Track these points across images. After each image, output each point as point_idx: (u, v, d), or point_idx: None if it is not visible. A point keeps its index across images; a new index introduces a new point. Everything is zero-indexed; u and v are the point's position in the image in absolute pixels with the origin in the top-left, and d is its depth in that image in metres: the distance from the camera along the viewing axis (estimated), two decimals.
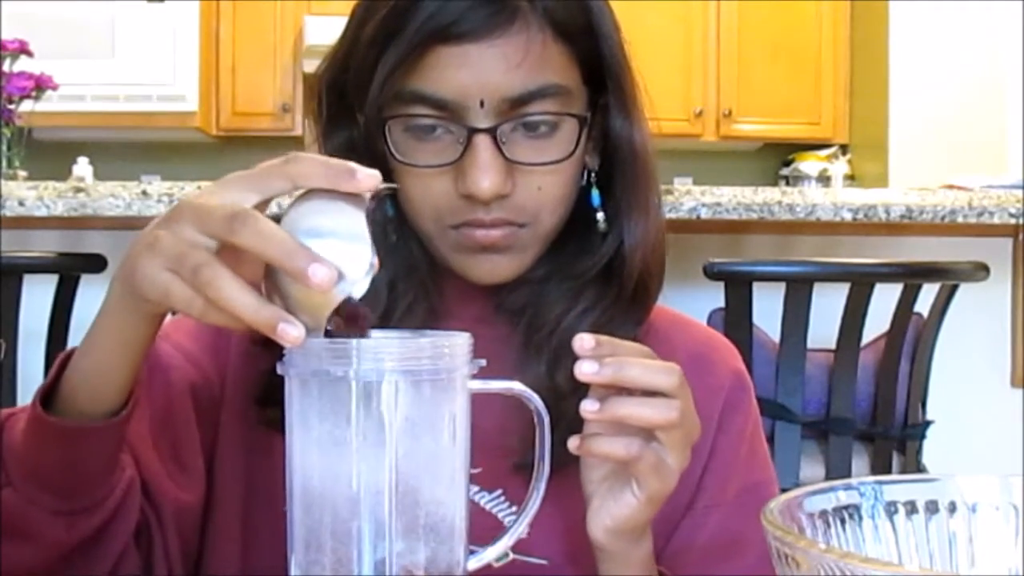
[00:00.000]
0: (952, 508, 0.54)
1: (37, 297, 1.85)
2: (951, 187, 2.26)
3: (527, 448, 0.69)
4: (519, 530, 0.66)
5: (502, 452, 0.78)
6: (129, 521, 0.71)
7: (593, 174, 0.84)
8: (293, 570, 0.59)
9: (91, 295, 1.95)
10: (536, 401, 0.63)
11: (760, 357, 1.75)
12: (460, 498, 0.59)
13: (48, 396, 0.67)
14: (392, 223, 0.82)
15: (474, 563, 0.63)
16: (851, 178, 4.40)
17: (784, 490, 0.53)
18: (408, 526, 0.57)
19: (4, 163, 2.49)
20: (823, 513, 0.51)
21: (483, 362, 0.60)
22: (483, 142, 0.75)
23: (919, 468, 1.85)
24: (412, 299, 0.82)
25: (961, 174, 2.57)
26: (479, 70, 0.74)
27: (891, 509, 0.53)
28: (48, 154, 3.55)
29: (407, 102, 0.75)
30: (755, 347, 1.74)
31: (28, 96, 2.55)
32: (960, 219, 2.00)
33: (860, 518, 0.53)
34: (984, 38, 4.06)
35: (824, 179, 4.39)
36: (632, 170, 0.83)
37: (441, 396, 0.58)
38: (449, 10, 0.73)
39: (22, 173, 2.51)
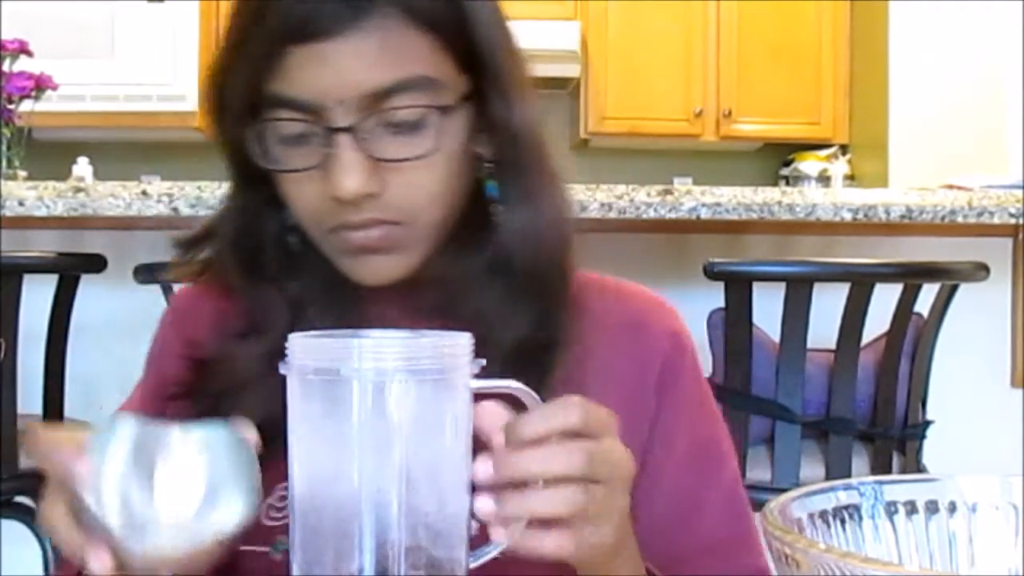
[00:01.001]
0: (952, 508, 0.54)
1: (37, 297, 1.85)
2: (951, 187, 2.26)
3: None
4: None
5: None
6: None
7: (489, 165, 0.80)
8: (295, 570, 0.58)
9: (91, 295, 1.95)
10: (536, 400, 0.63)
11: (760, 357, 1.75)
12: (463, 497, 0.59)
13: None
14: (296, 230, 0.80)
15: (475, 563, 0.63)
16: (851, 178, 4.40)
17: (784, 490, 0.53)
18: (413, 526, 0.57)
19: (4, 163, 2.49)
20: (823, 513, 0.51)
21: (483, 361, 0.60)
22: (344, 141, 0.73)
23: (919, 468, 1.85)
24: (325, 305, 0.81)
25: (961, 174, 2.57)
26: (334, 68, 0.72)
27: (891, 509, 0.53)
28: (48, 154, 3.55)
29: (270, 106, 0.74)
30: (755, 347, 1.74)
31: (28, 96, 2.55)
32: (960, 219, 2.00)
33: (860, 518, 0.53)
34: (984, 38, 4.06)
35: (824, 179, 4.39)
36: (513, 156, 0.79)
37: (444, 395, 0.58)
38: (300, 10, 0.72)
39: (22, 173, 2.50)
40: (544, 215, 0.80)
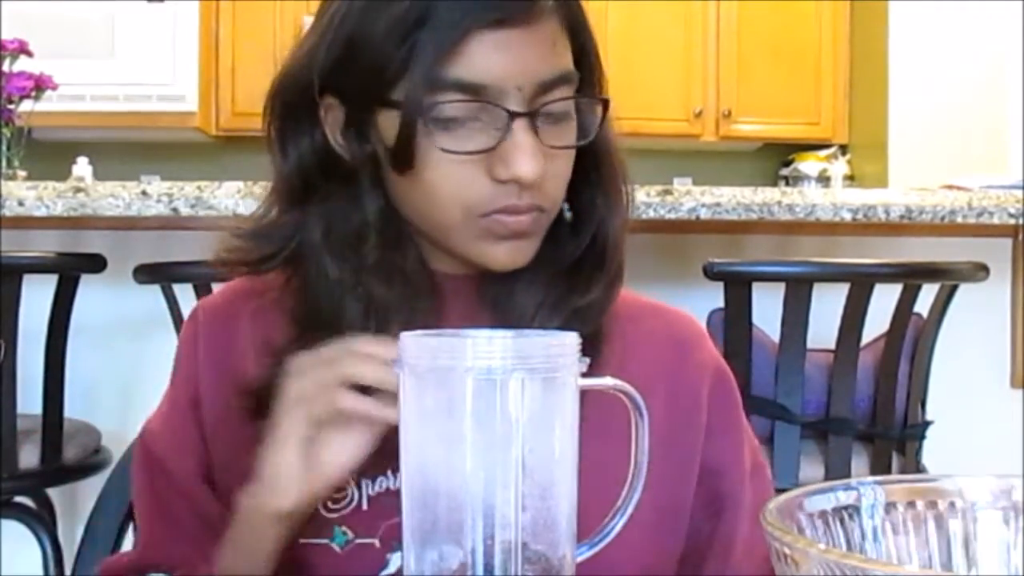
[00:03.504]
0: (952, 508, 0.54)
1: (37, 297, 1.85)
2: (951, 187, 2.26)
3: None
4: (619, 524, 0.66)
5: None
6: None
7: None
8: (409, 562, 0.59)
9: (90, 295, 1.95)
10: (636, 397, 0.63)
11: (760, 357, 1.75)
12: (572, 494, 0.60)
13: None
14: (377, 224, 0.81)
15: (580, 558, 0.63)
16: (851, 178, 4.40)
17: (784, 490, 0.53)
18: (526, 521, 0.58)
19: (4, 163, 2.49)
20: (823, 513, 0.51)
21: (588, 360, 0.61)
22: (523, 126, 0.75)
23: (919, 468, 1.85)
24: (411, 302, 0.80)
25: (961, 174, 2.57)
26: (517, 55, 0.75)
27: (891, 509, 0.53)
28: (48, 154, 3.55)
29: (442, 90, 0.74)
30: (755, 347, 1.74)
31: (28, 96, 2.55)
32: (960, 219, 2.00)
33: (860, 518, 0.53)
34: (984, 38, 4.06)
35: (824, 179, 4.39)
36: (607, 161, 0.84)
37: (555, 393, 0.59)
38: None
39: (22, 173, 2.50)
40: (624, 219, 0.85)
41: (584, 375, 0.61)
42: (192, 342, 0.87)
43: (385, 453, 0.76)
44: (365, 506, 0.79)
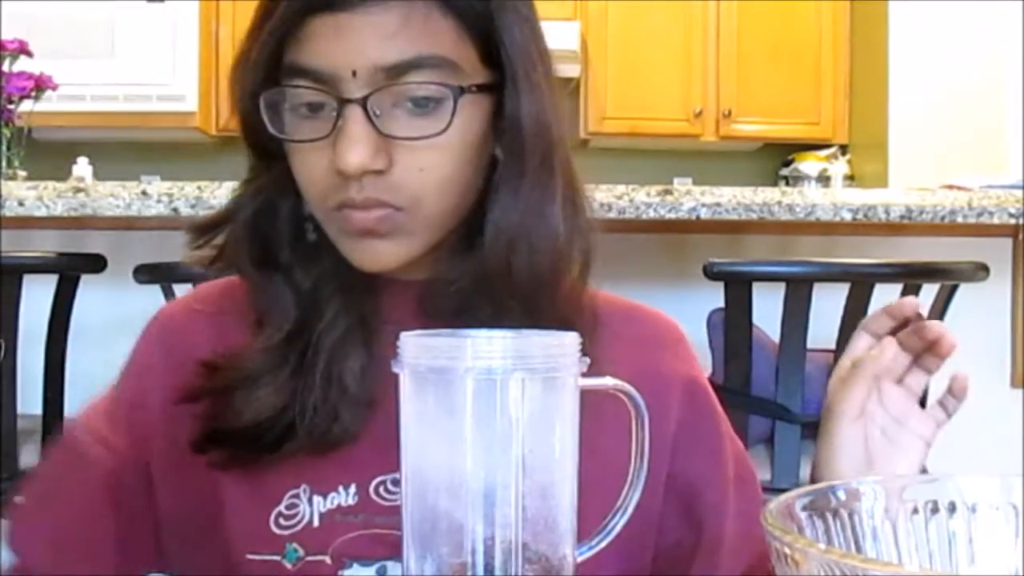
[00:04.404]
0: (952, 508, 0.54)
1: (37, 297, 1.85)
2: (951, 187, 2.26)
3: None
4: (619, 524, 0.65)
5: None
6: None
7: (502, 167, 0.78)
8: (409, 564, 0.59)
9: (91, 295, 1.95)
10: (636, 397, 0.63)
11: (760, 357, 1.75)
12: (573, 494, 0.60)
13: None
14: (309, 220, 0.79)
15: (581, 557, 0.63)
16: (851, 178, 4.40)
17: (784, 490, 0.53)
18: (527, 521, 0.58)
19: (4, 163, 2.49)
20: (823, 513, 0.51)
21: (588, 360, 0.60)
22: (353, 114, 0.72)
23: (919, 468, 1.85)
24: (338, 300, 0.79)
25: (961, 174, 2.57)
26: (351, 39, 0.72)
27: (891, 509, 0.53)
28: (48, 154, 3.55)
29: (288, 75, 0.74)
30: (755, 347, 1.74)
31: (28, 96, 2.55)
32: (960, 219, 2.00)
33: (860, 518, 0.53)
34: (984, 38, 4.06)
35: (824, 179, 4.39)
36: (518, 157, 0.77)
37: (556, 393, 0.59)
38: None
39: (22, 173, 2.50)
40: (539, 223, 0.77)
41: (584, 374, 0.61)
42: (147, 346, 0.86)
43: (337, 469, 0.77)
44: (316, 523, 0.77)
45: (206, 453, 0.78)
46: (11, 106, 2.53)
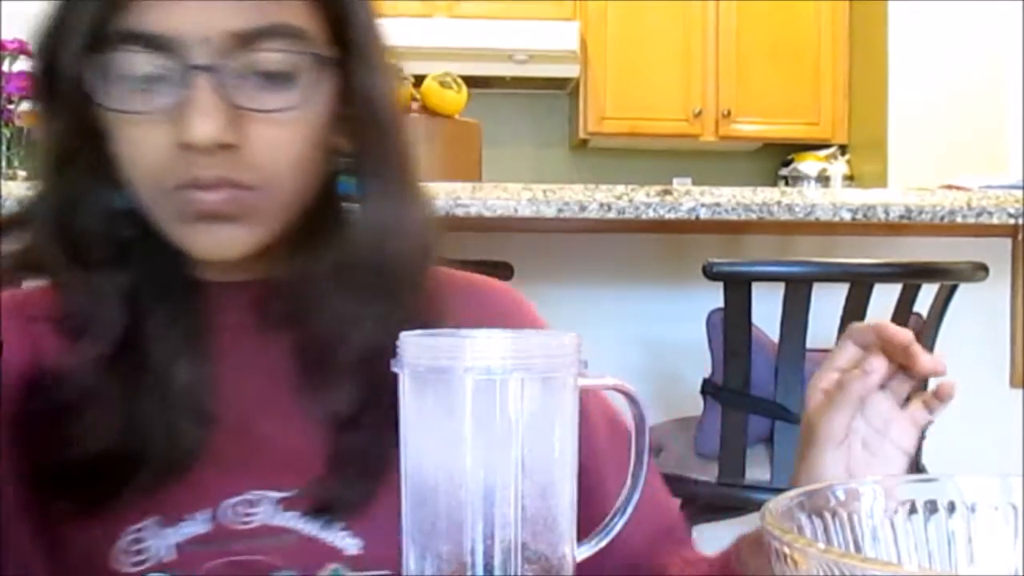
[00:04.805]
0: (951, 508, 0.54)
1: None
2: (950, 187, 2.26)
3: (332, 469, 0.71)
4: (619, 523, 0.65)
5: (311, 473, 0.72)
6: None
7: (347, 160, 0.75)
8: (412, 568, 0.59)
9: None
10: (636, 396, 0.63)
11: (759, 357, 1.75)
12: (572, 494, 0.60)
13: None
14: (128, 215, 0.71)
15: (580, 557, 0.63)
16: (850, 178, 4.40)
17: (783, 490, 0.53)
18: (526, 521, 0.58)
19: (4, 163, 2.48)
20: (823, 513, 0.51)
21: (587, 360, 0.60)
22: (203, 83, 0.65)
23: (919, 468, 1.85)
24: (170, 308, 0.72)
25: (960, 174, 2.57)
26: (199, 3, 0.66)
27: (891, 509, 0.53)
28: None
29: (115, 42, 0.66)
30: (754, 347, 1.74)
31: (28, 96, 2.55)
32: (959, 219, 2.00)
33: (859, 518, 0.53)
34: (983, 38, 4.06)
35: (823, 179, 4.39)
36: (372, 138, 0.73)
37: (555, 393, 0.59)
38: None
39: (21, 173, 2.50)
40: (401, 211, 0.74)
41: (583, 374, 0.61)
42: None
43: (184, 495, 0.70)
44: (172, 556, 0.70)
45: (35, 492, 0.69)
46: (11, 106, 2.53)
